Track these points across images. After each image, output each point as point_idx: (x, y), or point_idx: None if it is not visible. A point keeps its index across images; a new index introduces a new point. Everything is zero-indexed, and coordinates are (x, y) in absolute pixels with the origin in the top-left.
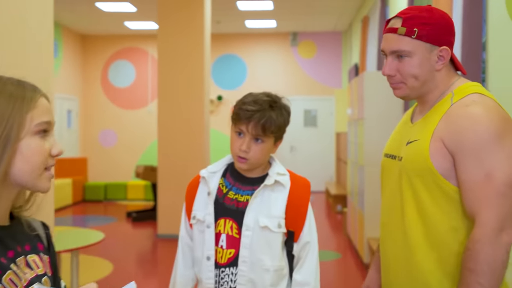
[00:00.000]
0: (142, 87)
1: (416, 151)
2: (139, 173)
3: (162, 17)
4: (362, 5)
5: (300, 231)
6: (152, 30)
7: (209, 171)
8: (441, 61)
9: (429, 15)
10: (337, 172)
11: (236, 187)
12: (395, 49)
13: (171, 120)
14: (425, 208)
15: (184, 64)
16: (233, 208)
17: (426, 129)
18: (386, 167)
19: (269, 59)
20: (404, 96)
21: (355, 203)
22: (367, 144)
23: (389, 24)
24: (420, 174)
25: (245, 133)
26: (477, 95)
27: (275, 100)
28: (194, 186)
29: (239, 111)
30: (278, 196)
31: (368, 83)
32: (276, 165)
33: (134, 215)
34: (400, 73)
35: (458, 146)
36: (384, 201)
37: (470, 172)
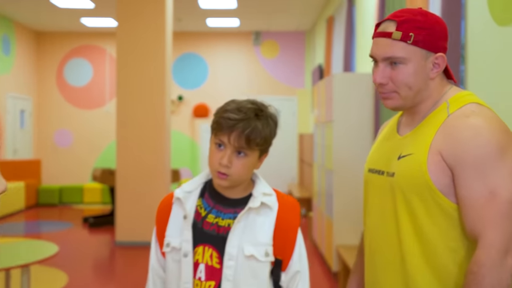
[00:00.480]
0: (99, 86)
1: (412, 166)
2: (96, 177)
3: (121, 14)
4: (327, 5)
5: (289, 259)
6: (110, 28)
7: (185, 191)
8: (436, 69)
9: (424, 18)
10: (299, 174)
11: (216, 209)
12: (389, 55)
13: (130, 121)
14: (423, 228)
15: (144, 63)
16: (213, 234)
17: (421, 142)
18: (372, 183)
19: (231, 58)
20: (397, 107)
21: (322, 209)
22: (336, 148)
23: (381, 28)
24: (417, 191)
25: (227, 145)
26: (475, 105)
27: (261, 109)
28: (167, 207)
29: (220, 120)
30: (264, 220)
31: (338, 85)
32: (260, 183)
33: (91, 221)
34: (393, 81)
35: (459, 160)
36: (371, 221)
37: (472, 188)
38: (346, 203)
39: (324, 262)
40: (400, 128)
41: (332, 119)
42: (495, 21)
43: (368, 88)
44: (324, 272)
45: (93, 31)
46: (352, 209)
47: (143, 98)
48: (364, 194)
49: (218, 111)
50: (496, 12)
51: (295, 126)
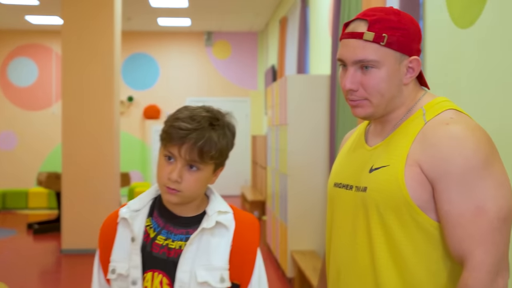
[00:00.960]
0: (45, 86)
1: (387, 179)
2: (41, 181)
3: (66, 11)
4: (280, 5)
5: (247, 284)
6: (56, 26)
7: (132, 209)
8: (410, 74)
9: (397, 18)
10: (252, 176)
11: (166, 229)
12: (360, 58)
13: (77, 123)
14: (400, 249)
15: (91, 63)
16: (163, 258)
17: (395, 153)
18: (338, 199)
19: (182, 59)
20: (367, 115)
21: (276, 213)
22: (291, 152)
23: (350, 28)
24: (393, 207)
25: (177, 158)
26: (453, 112)
27: (217, 117)
28: (111, 228)
29: (170, 129)
30: (219, 241)
31: (292, 88)
32: (215, 200)
33: (35, 227)
34: (364, 87)
35: (441, 173)
36: (338, 242)
37: (457, 203)
38: (301, 208)
39: (279, 267)
40: (368, 137)
41: (286, 122)
42: (454, 23)
43: (323, 91)
44: (278, 278)
45: (39, 29)
46: (307, 214)
47: (90, 99)
48: (329, 211)
49: (168, 119)
50: (455, 14)
51: (248, 128)
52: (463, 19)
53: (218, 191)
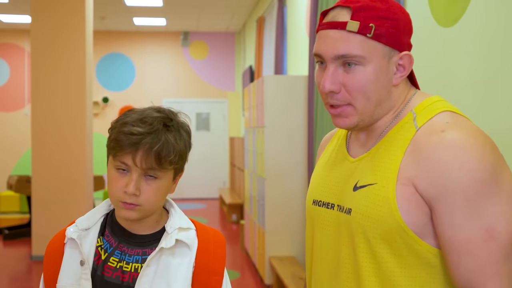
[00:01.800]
0: (17, 87)
1: (375, 201)
2: (11, 185)
3: (35, 9)
4: (257, 5)
5: None
6: (28, 24)
7: (80, 228)
8: (401, 73)
9: (385, 6)
10: (230, 179)
11: (119, 250)
12: (342, 52)
13: (47, 125)
14: (393, 281)
15: (62, 63)
16: (116, 283)
17: (384, 168)
18: (319, 219)
19: (158, 59)
20: (352, 125)
21: (254, 217)
22: (269, 155)
23: (330, 16)
24: (384, 233)
25: (131, 168)
26: (448, 115)
27: (170, 117)
28: (57, 249)
29: (119, 136)
30: (180, 262)
31: (270, 88)
32: (176, 215)
33: (5, 232)
34: (346, 88)
35: (440, 191)
36: (322, 269)
37: (463, 227)
38: (279, 213)
39: (257, 273)
40: (350, 146)
41: (263, 124)
42: (437, 21)
43: (301, 92)
44: (256, 284)
45: (9, 27)
46: (286, 219)
47: (62, 100)
48: (308, 231)
49: (114, 125)
50: (438, 12)
51: (226, 130)
52: (445, 18)
53: (196, 193)
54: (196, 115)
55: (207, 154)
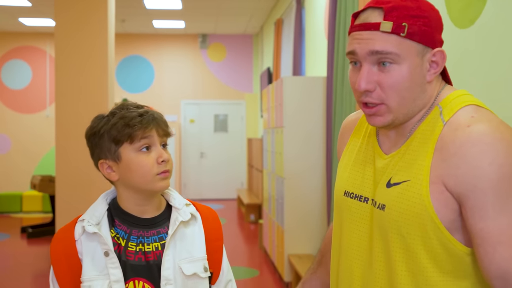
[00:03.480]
0: (39, 89)
1: (410, 198)
2: (35, 185)
3: (59, 13)
4: (275, 7)
5: (219, 271)
6: (50, 28)
7: (93, 223)
8: (434, 69)
9: (416, 4)
10: (248, 179)
11: (134, 235)
12: (378, 48)
13: (71, 126)
14: (427, 277)
15: (85, 65)
16: (141, 264)
17: (416, 165)
18: (349, 211)
19: (177, 61)
20: (387, 123)
21: (273, 217)
22: (288, 155)
23: (362, 18)
24: (419, 231)
25: (155, 142)
26: (472, 108)
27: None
28: (69, 247)
29: (132, 122)
30: (192, 231)
31: (288, 89)
32: (176, 194)
33: (29, 231)
34: (381, 87)
35: (470, 188)
36: (348, 261)
37: (495, 219)
38: (298, 211)
39: (276, 271)
40: (381, 142)
41: (282, 125)
42: (453, 23)
43: (320, 93)
44: (275, 282)
45: (32, 31)
46: (304, 218)
47: (84, 102)
48: (336, 221)
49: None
50: (454, 14)
51: (244, 131)
52: (462, 19)
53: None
54: (214, 116)
55: (225, 155)
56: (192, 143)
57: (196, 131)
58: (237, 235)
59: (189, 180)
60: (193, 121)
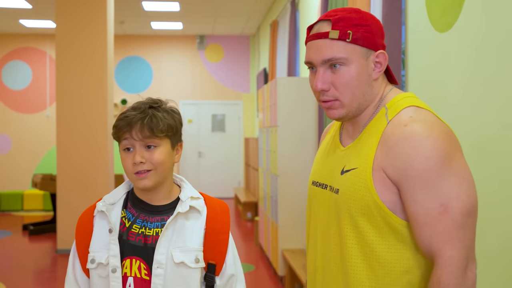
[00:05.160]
0: (39, 89)
1: (357, 183)
2: (36, 183)
3: (60, 15)
4: (271, 9)
5: (223, 263)
6: (50, 29)
7: (107, 203)
8: (378, 68)
9: (359, 16)
10: (246, 178)
11: (140, 218)
12: (328, 57)
13: (71, 125)
14: (373, 249)
15: (85, 66)
16: (140, 245)
17: (363, 155)
18: (315, 197)
19: (175, 62)
20: (342, 116)
21: (268, 213)
22: (281, 153)
23: (315, 29)
24: (365, 210)
25: (134, 144)
26: (412, 109)
27: (156, 102)
28: (88, 221)
29: (118, 123)
30: (193, 225)
31: (282, 90)
32: (187, 187)
33: (31, 228)
34: (335, 86)
35: (403, 176)
36: (315, 238)
37: (422, 204)
38: (291, 208)
39: (270, 266)
40: (342, 137)
41: (276, 124)
42: (434, 27)
43: (312, 93)
44: (270, 276)
45: (32, 32)
46: (297, 214)
47: (84, 102)
48: (308, 207)
49: (115, 119)
50: (434, 19)
51: (241, 131)
52: (441, 23)
53: (212, 193)
54: (212, 116)
55: (222, 155)
56: (190, 143)
57: (194, 131)
58: (234, 233)
59: (187, 179)
60: (191, 121)
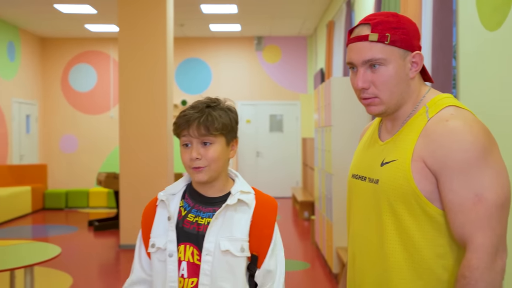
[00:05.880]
0: (104, 91)
1: (397, 173)
2: (100, 181)
3: (122, 19)
4: (327, 10)
5: (264, 257)
6: (113, 33)
7: (168, 193)
8: (415, 68)
9: (396, 19)
10: (303, 178)
11: (195, 208)
12: (368, 58)
13: (133, 126)
14: (410, 235)
15: (146, 68)
16: (193, 232)
17: (403, 148)
18: (355, 189)
19: (233, 63)
20: (381, 112)
21: (323, 212)
22: (335, 152)
23: (355, 32)
24: (403, 198)
25: (191, 140)
26: (453, 108)
27: (214, 101)
28: (151, 210)
29: (178, 120)
30: (241, 217)
31: (336, 89)
32: (239, 182)
33: (96, 224)
34: (374, 85)
35: (442, 166)
36: (354, 227)
37: (458, 193)
38: (345, 206)
39: (326, 263)
40: (381, 133)
41: (331, 124)
42: (484, 26)
43: None
44: (325, 274)
45: (97, 36)
46: None
47: (145, 103)
48: (348, 199)
49: (176, 117)
50: (485, 18)
51: (299, 131)
52: (491, 22)
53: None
54: (270, 117)
55: (280, 155)
56: (248, 143)
57: (252, 131)
58: (291, 232)
59: (245, 178)
60: (249, 122)
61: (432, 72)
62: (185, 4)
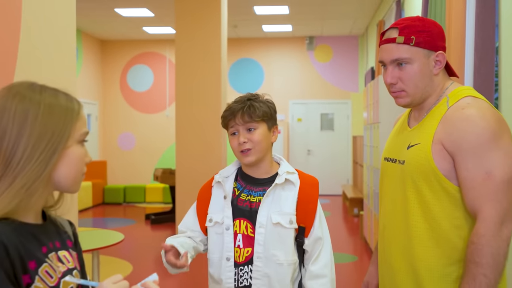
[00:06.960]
0: (160, 91)
1: (419, 154)
2: (157, 176)
3: (179, 22)
4: (378, 9)
5: (311, 227)
6: (169, 35)
7: (223, 176)
8: (438, 66)
9: (422, 23)
10: (353, 175)
11: (247, 189)
12: (395, 57)
13: (188, 124)
14: (430, 208)
15: (201, 68)
16: (246, 209)
17: (425, 133)
18: (386, 170)
19: (285, 63)
20: (407, 104)
21: (371, 206)
22: (382, 148)
23: (385, 36)
24: (424, 176)
25: (237, 129)
26: (470, 98)
27: (254, 95)
28: (207, 190)
29: (224, 113)
30: (288, 194)
31: (384, 87)
32: (284, 164)
33: (152, 218)
34: (401, 80)
35: (458, 147)
36: (384, 203)
37: (471, 171)
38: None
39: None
40: (410, 121)
41: (378, 121)
42: None
43: None
44: None
45: (154, 38)
46: None
47: (200, 102)
48: (380, 180)
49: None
50: None
51: (349, 129)
52: None
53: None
54: (321, 115)
55: (331, 153)
56: (299, 141)
57: (303, 130)
58: (341, 227)
59: None
60: (300, 120)
61: (474, 72)
62: (239, 6)
